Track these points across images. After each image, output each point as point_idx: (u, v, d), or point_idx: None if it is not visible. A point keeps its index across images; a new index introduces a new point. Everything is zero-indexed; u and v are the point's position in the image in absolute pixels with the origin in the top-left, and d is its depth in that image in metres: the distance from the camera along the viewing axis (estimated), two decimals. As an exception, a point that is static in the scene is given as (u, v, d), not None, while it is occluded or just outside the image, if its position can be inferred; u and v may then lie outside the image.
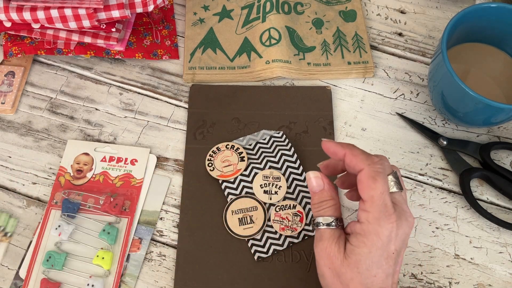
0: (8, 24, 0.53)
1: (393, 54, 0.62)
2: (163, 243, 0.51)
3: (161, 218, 0.52)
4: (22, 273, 0.48)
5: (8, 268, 0.49)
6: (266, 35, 0.60)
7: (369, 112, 0.58)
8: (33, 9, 0.51)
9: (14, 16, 0.51)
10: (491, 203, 0.54)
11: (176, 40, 0.61)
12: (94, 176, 0.52)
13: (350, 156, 0.41)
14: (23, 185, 0.53)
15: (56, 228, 0.49)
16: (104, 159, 0.53)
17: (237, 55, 0.60)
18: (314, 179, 0.43)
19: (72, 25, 0.52)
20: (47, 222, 0.50)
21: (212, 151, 0.54)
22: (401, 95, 0.59)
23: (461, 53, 0.57)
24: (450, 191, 0.54)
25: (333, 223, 0.41)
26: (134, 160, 0.54)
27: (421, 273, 0.50)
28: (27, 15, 0.51)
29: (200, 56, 0.60)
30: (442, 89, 0.52)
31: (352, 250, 0.39)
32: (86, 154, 0.54)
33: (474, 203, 0.52)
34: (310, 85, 0.59)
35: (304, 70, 0.59)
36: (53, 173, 0.54)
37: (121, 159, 0.54)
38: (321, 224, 0.41)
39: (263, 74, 0.58)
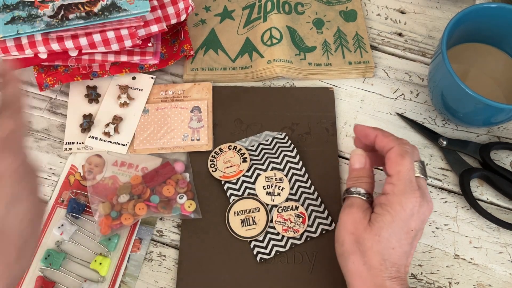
0: (44, 56, 0.52)
1: (393, 54, 0.62)
2: (163, 243, 0.51)
3: (161, 218, 0.52)
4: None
5: (8, 268, 0.49)
6: (268, 35, 0.60)
7: (369, 112, 0.58)
8: (75, 37, 0.51)
9: (55, 46, 0.51)
10: (491, 203, 0.54)
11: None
12: (103, 179, 0.52)
13: (381, 137, 0.44)
14: (23, 185, 0.53)
15: (59, 227, 0.49)
16: (115, 163, 0.53)
17: (239, 55, 0.60)
18: (358, 156, 0.46)
19: (114, 46, 0.52)
20: (51, 219, 0.50)
21: (215, 152, 0.54)
22: (401, 95, 0.59)
23: (461, 53, 0.57)
24: (450, 191, 0.54)
25: (365, 196, 0.44)
26: (144, 168, 0.53)
27: (421, 273, 0.50)
28: (69, 44, 0.51)
29: (202, 57, 0.60)
30: (442, 89, 0.52)
31: (375, 218, 0.41)
32: (99, 156, 0.53)
33: (474, 203, 0.52)
34: (311, 85, 0.59)
35: (305, 70, 0.59)
36: (53, 173, 0.54)
37: (132, 165, 0.53)
38: (354, 192, 0.44)
39: (264, 74, 0.58)
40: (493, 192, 0.54)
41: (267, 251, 0.49)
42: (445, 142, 0.55)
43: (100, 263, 0.48)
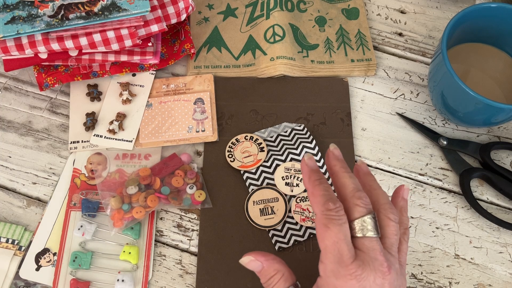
0: (44, 56, 0.52)
1: (393, 54, 0.62)
2: (163, 243, 0.51)
3: (161, 218, 0.52)
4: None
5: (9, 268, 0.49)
6: (270, 32, 0.60)
7: (369, 112, 0.58)
8: (75, 37, 0.51)
9: (55, 46, 0.51)
10: (491, 203, 0.54)
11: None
12: (109, 174, 0.52)
13: (310, 195, 0.38)
14: (23, 185, 0.53)
15: (79, 229, 0.49)
16: (117, 157, 0.53)
17: (242, 53, 0.60)
18: (251, 263, 0.39)
19: (115, 46, 0.52)
20: (68, 224, 0.50)
21: (232, 143, 0.54)
22: (401, 95, 0.59)
23: (461, 53, 0.57)
24: (450, 191, 0.54)
25: None
26: (148, 155, 0.54)
27: (421, 273, 0.50)
28: (69, 43, 0.51)
29: (205, 55, 0.60)
30: (442, 89, 0.52)
31: None
32: (99, 153, 0.54)
33: (474, 203, 0.52)
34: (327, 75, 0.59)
35: (307, 68, 0.59)
36: (53, 173, 0.54)
37: (134, 155, 0.54)
38: None
39: (267, 71, 0.58)
40: (493, 192, 0.54)
41: (285, 240, 0.49)
42: (445, 142, 0.55)
43: (130, 253, 0.48)
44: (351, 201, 0.37)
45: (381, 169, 0.55)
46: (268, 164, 0.53)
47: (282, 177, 0.52)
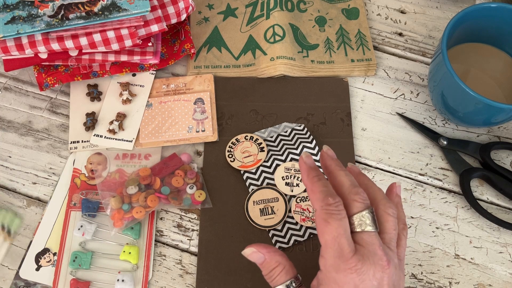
0: (44, 56, 0.52)
1: (393, 54, 0.62)
2: (163, 243, 0.51)
3: (161, 218, 0.52)
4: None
5: (8, 268, 0.49)
6: (271, 32, 0.60)
7: (369, 112, 0.58)
8: (75, 37, 0.51)
9: (55, 46, 0.51)
10: (491, 203, 0.54)
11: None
12: (109, 174, 0.52)
13: (309, 192, 0.39)
14: (23, 185, 0.53)
15: (79, 229, 0.49)
16: (117, 157, 0.53)
17: (242, 53, 0.60)
18: (253, 255, 0.40)
19: (115, 46, 0.52)
20: (68, 224, 0.50)
21: (232, 143, 0.54)
22: (401, 95, 0.59)
23: (461, 53, 0.57)
24: (450, 191, 0.54)
25: (291, 286, 0.39)
26: (148, 155, 0.54)
27: (421, 273, 0.50)
28: (69, 43, 0.51)
29: (205, 55, 0.60)
30: (442, 89, 0.52)
31: None
32: (99, 153, 0.54)
33: (474, 203, 0.52)
34: (326, 75, 0.59)
35: (307, 68, 0.59)
36: (53, 173, 0.54)
37: (134, 155, 0.54)
38: None
39: (267, 71, 0.58)
40: (493, 192, 0.54)
41: (285, 240, 0.49)
42: (445, 142, 0.55)
43: (130, 252, 0.48)
44: (349, 197, 0.37)
45: (381, 169, 0.55)
46: (268, 164, 0.53)
47: (282, 177, 0.52)
